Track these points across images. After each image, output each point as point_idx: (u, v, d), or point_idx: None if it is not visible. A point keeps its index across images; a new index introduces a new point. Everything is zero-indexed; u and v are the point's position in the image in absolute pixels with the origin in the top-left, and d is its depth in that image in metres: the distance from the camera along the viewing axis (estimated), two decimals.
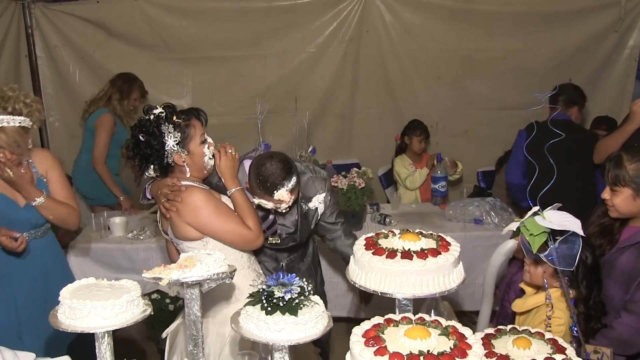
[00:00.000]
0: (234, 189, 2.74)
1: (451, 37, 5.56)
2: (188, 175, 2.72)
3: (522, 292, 2.74)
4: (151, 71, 5.58)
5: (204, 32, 5.54)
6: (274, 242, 3.04)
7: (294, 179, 2.72)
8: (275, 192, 2.69)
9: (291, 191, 2.73)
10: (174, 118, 2.64)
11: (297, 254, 3.26)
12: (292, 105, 5.56)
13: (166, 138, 2.61)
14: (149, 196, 2.79)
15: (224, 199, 2.77)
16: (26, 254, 3.00)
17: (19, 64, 5.48)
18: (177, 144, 2.63)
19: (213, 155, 2.76)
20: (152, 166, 2.66)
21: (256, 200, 2.77)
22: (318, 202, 3.05)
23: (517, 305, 2.66)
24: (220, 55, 5.52)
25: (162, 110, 2.64)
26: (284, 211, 2.83)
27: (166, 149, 2.62)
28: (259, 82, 5.63)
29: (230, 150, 2.79)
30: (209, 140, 2.76)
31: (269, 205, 2.76)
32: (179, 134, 2.63)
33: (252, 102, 5.03)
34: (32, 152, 2.99)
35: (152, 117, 2.63)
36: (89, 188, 5.14)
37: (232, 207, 2.73)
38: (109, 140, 4.92)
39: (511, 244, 2.98)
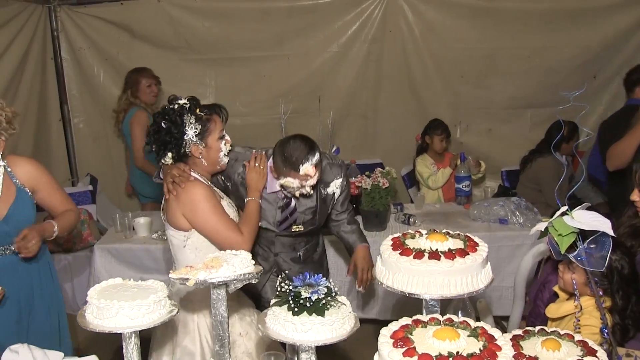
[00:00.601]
0: (252, 199, 2.83)
1: (474, 36, 5.52)
2: (204, 165, 2.77)
3: (556, 295, 2.70)
4: (174, 72, 5.63)
5: (227, 33, 5.56)
6: (297, 230, 3.08)
7: (317, 154, 2.78)
8: (300, 166, 2.74)
9: (316, 165, 2.77)
10: (197, 110, 2.71)
11: (312, 243, 3.28)
12: (315, 105, 5.54)
13: (187, 128, 2.67)
14: (161, 176, 2.82)
15: (223, 202, 2.79)
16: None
17: (45, 67, 5.53)
18: (196, 136, 2.69)
19: (228, 153, 2.83)
20: (169, 153, 2.71)
21: (282, 180, 2.82)
22: (335, 187, 3.09)
23: (551, 310, 2.61)
24: (243, 56, 5.54)
25: (187, 102, 2.72)
26: (308, 192, 2.86)
27: (185, 138, 2.68)
28: (282, 82, 5.63)
29: (261, 167, 2.88)
30: (227, 137, 2.82)
31: (294, 183, 2.80)
32: (200, 126, 2.69)
33: (275, 103, 5.07)
34: (10, 160, 2.84)
35: (176, 106, 2.70)
36: (140, 186, 5.23)
37: (230, 212, 2.78)
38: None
39: (542, 246, 2.95)
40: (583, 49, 5.44)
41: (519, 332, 2.00)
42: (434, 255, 2.06)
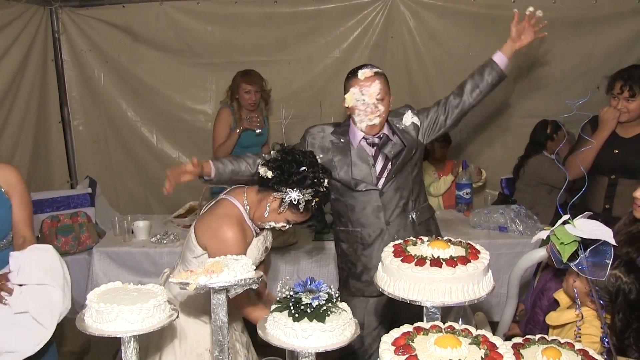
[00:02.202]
0: None
1: (477, 44, 5.49)
2: (255, 213, 2.70)
3: (555, 303, 2.69)
4: (176, 76, 5.63)
5: (229, 38, 5.55)
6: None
7: (376, 68, 3.13)
8: (359, 71, 3.10)
9: (375, 74, 3.09)
10: (321, 187, 2.61)
11: (422, 205, 3.32)
12: (317, 111, 5.54)
13: (302, 190, 2.56)
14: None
15: (253, 244, 2.74)
16: None
17: (46, 68, 5.52)
18: (291, 201, 2.57)
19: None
20: (271, 172, 2.58)
21: (347, 98, 3.08)
22: (411, 117, 3.27)
23: (552, 318, 2.60)
24: (245, 61, 5.52)
25: (323, 177, 2.63)
26: (371, 106, 3.05)
27: (286, 189, 2.57)
28: (284, 87, 5.61)
29: None
30: (286, 225, 2.71)
31: (357, 95, 3.06)
32: (304, 202, 2.57)
33: (277, 108, 5.07)
34: None
35: (320, 172, 2.63)
36: None
37: (252, 253, 2.73)
38: (226, 131, 4.93)
39: (542, 251, 2.95)
40: (585, 58, 5.42)
41: (519, 340, 2.00)
42: (436, 262, 2.05)
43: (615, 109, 3.63)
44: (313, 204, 2.60)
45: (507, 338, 2.70)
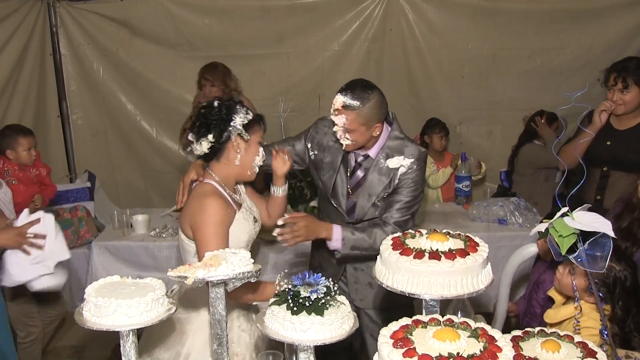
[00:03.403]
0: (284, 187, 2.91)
1: (475, 36, 5.50)
2: (236, 165, 2.71)
3: (551, 298, 2.69)
4: (174, 69, 5.64)
5: (227, 31, 5.54)
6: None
7: (351, 96, 2.74)
8: (336, 95, 2.81)
9: (344, 104, 2.75)
10: (247, 110, 2.72)
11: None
12: (315, 104, 5.54)
13: (236, 115, 2.66)
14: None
15: (238, 216, 2.72)
16: None
17: (44, 62, 5.51)
18: (242, 125, 2.66)
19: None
20: (209, 135, 2.64)
21: None
22: (400, 163, 2.87)
23: (550, 315, 2.59)
24: (243, 54, 5.52)
25: (229, 100, 2.74)
26: (338, 133, 2.84)
27: (232, 124, 2.65)
28: (282, 80, 5.61)
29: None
30: (262, 150, 2.77)
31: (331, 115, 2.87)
32: (249, 118, 2.69)
33: (275, 101, 5.06)
34: None
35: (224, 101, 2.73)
36: None
37: (243, 226, 2.72)
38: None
39: (533, 248, 2.94)
40: (585, 50, 5.43)
41: (518, 332, 1.99)
42: (435, 255, 2.04)
43: (608, 102, 3.63)
44: (256, 124, 2.73)
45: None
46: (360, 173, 2.96)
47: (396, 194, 2.89)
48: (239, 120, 2.65)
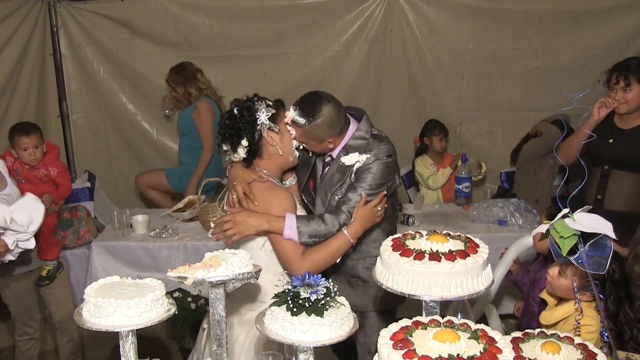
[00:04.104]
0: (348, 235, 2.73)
1: (476, 37, 5.50)
2: (279, 155, 2.77)
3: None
4: None
5: (228, 31, 5.54)
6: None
7: (299, 112, 2.71)
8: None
9: (292, 120, 2.72)
10: (266, 100, 2.76)
11: None
12: None
13: (259, 113, 2.70)
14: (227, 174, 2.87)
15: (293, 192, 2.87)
16: None
17: (44, 62, 5.51)
18: (269, 119, 2.70)
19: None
20: (242, 141, 2.70)
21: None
22: (355, 160, 2.80)
23: (545, 317, 2.59)
24: (244, 54, 5.52)
25: (255, 96, 2.77)
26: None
27: (259, 122, 2.69)
28: (282, 80, 5.61)
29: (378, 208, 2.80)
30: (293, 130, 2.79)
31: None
32: (272, 110, 2.73)
33: None
34: None
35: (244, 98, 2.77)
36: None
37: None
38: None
39: (529, 239, 2.96)
40: (585, 51, 5.42)
41: (518, 334, 1.99)
42: (435, 256, 2.04)
43: (607, 99, 3.64)
44: (279, 110, 2.76)
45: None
46: (325, 171, 2.96)
47: (354, 188, 2.78)
48: (263, 116, 2.70)
